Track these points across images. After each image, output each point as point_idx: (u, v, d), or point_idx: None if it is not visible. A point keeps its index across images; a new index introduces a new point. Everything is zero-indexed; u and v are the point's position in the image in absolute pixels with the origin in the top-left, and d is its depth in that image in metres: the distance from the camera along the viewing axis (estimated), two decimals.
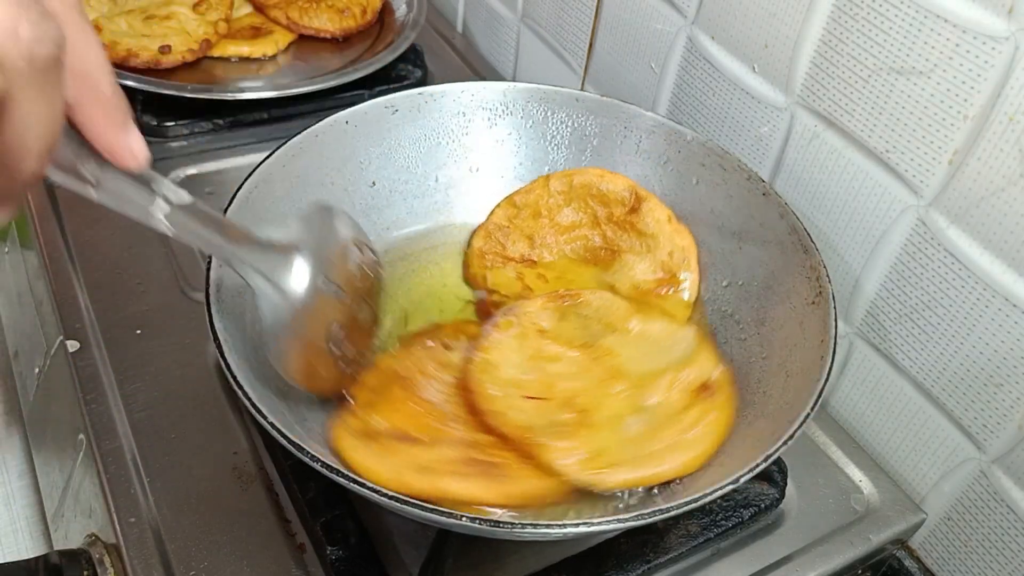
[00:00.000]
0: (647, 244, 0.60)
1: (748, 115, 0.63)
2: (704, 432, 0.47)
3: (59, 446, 0.62)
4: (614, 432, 0.48)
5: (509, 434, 0.47)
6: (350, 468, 0.43)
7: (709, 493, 0.40)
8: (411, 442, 0.46)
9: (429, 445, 0.46)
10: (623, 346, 0.53)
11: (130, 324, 0.59)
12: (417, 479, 0.43)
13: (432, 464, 0.44)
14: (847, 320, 0.60)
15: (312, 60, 0.87)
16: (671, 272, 0.59)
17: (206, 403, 0.56)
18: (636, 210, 0.60)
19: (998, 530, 0.53)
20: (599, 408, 0.49)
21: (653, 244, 0.59)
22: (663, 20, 0.69)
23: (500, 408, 0.48)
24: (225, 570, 0.47)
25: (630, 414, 0.49)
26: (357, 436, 0.46)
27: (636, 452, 0.46)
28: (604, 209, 0.61)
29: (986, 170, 0.48)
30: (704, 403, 0.49)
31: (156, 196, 0.34)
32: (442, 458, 0.45)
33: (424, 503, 0.38)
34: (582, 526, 0.39)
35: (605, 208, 0.61)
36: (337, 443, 0.46)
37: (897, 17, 0.50)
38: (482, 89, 0.62)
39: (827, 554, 0.53)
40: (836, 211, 0.58)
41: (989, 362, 0.50)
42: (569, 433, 0.47)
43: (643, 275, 0.59)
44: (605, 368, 0.52)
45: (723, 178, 0.58)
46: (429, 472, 0.43)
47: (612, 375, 0.51)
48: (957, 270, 0.51)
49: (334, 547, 0.47)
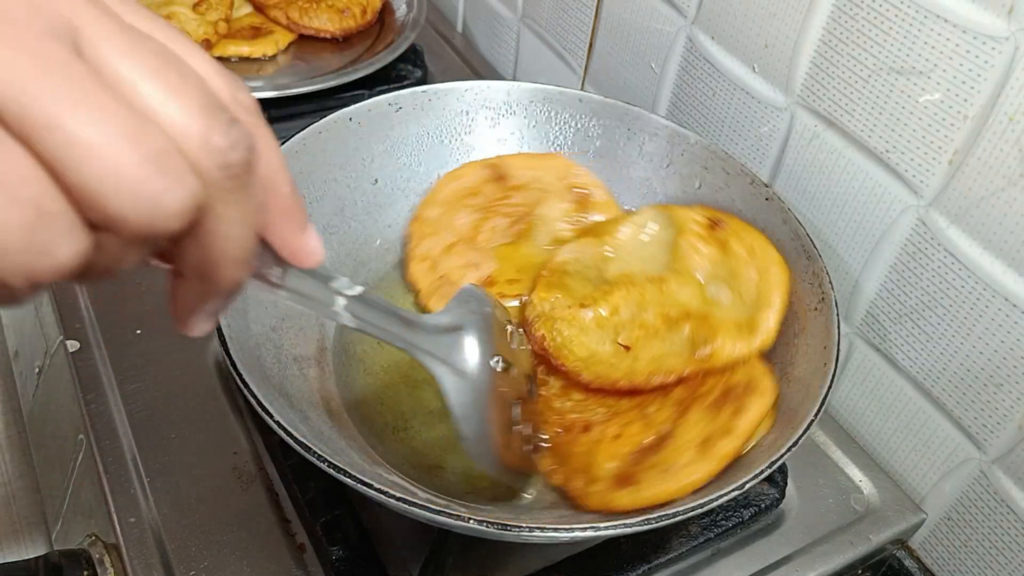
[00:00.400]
0: (538, 191, 0.61)
1: (748, 115, 0.63)
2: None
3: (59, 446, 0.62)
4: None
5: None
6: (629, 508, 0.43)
7: (716, 498, 0.40)
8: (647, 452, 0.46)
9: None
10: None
11: (130, 324, 0.59)
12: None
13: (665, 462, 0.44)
14: (847, 320, 0.60)
15: (312, 60, 0.87)
16: (577, 198, 0.61)
17: (206, 403, 0.56)
18: (504, 177, 0.61)
19: (998, 530, 0.53)
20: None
21: (543, 186, 0.61)
22: (663, 20, 0.69)
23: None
24: (225, 570, 0.47)
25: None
26: (612, 486, 0.45)
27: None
28: (483, 196, 0.61)
29: (986, 170, 0.48)
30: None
31: (335, 293, 0.35)
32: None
33: (425, 503, 0.38)
34: (589, 530, 0.39)
35: (482, 195, 0.61)
36: (612, 504, 0.44)
37: (897, 17, 0.50)
38: (486, 88, 0.62)
39: (827, 554, 0.53)
40: (836, 211, 0.58)
41: (989, 362, 0.50)
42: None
43: (558, 213, 0.61)
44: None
45: (726, 182, 0.58)
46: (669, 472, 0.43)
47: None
48: (957, 270, 0.51)
49: (334, 547, 0.47)
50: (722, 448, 0.43)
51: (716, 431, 0.44)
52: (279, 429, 0.39)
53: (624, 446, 0.47)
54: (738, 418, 0.44)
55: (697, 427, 0.45)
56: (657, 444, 0.46)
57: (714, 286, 0.53)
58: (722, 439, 0.43)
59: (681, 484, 0.42)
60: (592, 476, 0.46)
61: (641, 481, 0.44)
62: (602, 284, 0.56)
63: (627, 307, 0.54)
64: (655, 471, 0.44)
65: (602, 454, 0.47)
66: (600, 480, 0.45)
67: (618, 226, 0.58)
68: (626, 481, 0.44)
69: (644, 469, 0.44)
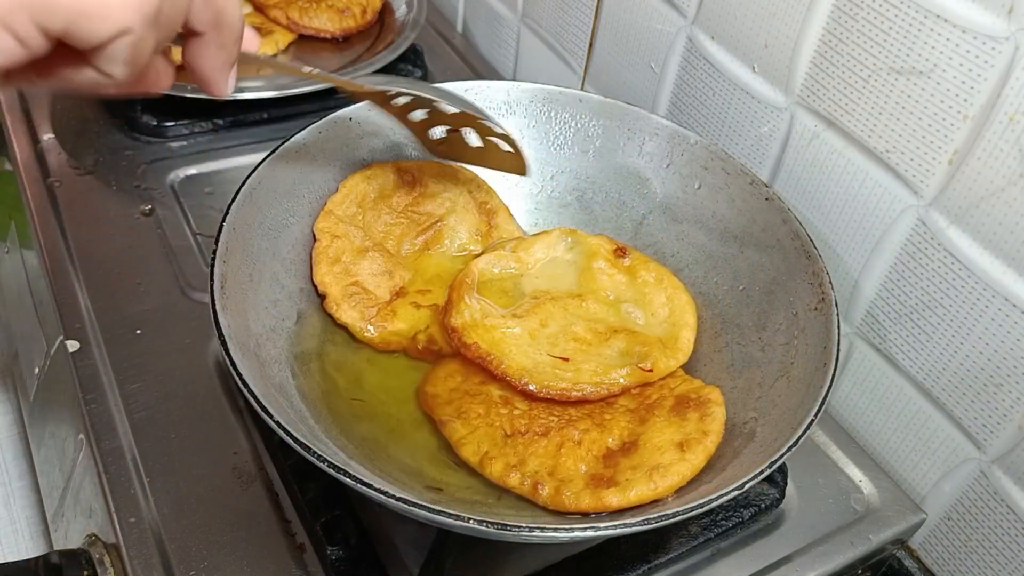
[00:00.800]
0: (448, 201, 0.61)
1: (748, 115, 0.64)
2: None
3: (59, 446, 0.62)
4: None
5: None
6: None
7: (715, 498, 0.40)
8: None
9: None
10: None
11: (130, 324, 0.59)
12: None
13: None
14: (847, 320, 0.60)
15: (312, 60, 0.87)
16: (486, 214, 0.62)
17: (206, 403, 0.56)
18: (415, 183, 0.60)
19: (998, 530, 0.53)
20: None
21: (452, 196, 0.61)
22: (663, 20, 0.69)
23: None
24: (225, 570, 0.47)
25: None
26: (590, 486, 0.46)
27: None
28: (394, 200, 0.60)
29: (986, 170, 0.48)
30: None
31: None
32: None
33: (425, 503, 0.38)
34: (589, 530, 0.39)
35: (393, 199, 0.60)
36: (602, 502, 0.45)
37: (897, 17, 0.50)
38: (486, 88, 0.62)
39: (827, 554, 0.53)
40: (836, 211, 0.58)
41: (989, 362, 0.50)
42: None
43: (467, 226, 0.61)
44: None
45: (726, 182, 0.58)
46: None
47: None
48: (957, 270, 0.51)
49: (334, 547, 0.47)
50: (705, 445, 0.47)
51: (693, 432, 0.47)
52: (279, 429, 0.39)
53: (590, 450, 0.48)
54: (708, 422, 0.48)
55: (668, 430, 0.48)
56: (628, 448, 0.48)
57: (627, 306, 0.57)
58: (702, 439, 0.47)
59: (672, 481, 0.45)
60: (563, 478, 0.46)
61: (623, 481, 0.45)
62: (521, 297, 0.57)
63: (555, 321, 0.56)
64: (639, 471, 0.45)
65: (569, 457, 0.47)
66: (573, 482, 0.46)
67: (532, 245, 0.60)
68: (605, 482, 0.45)
69: (623, 471, 0.46)
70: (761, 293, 0.55)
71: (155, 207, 0.69)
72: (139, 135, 0.76)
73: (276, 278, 0.53)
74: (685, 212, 0.60)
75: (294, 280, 0.55)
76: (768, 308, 0.54)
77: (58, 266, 0.63)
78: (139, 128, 0.76)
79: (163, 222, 0.68)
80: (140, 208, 0.69)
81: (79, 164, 0.72)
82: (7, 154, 0.74)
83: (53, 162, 0.72)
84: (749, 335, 0.54)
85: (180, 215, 0.69)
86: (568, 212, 0.64)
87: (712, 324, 0.57)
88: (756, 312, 0.55)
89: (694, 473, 0.46)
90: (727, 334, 0.56)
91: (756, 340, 0.53)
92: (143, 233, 0.67)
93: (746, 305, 0.55)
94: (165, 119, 0.76)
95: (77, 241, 0.65)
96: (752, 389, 0.51)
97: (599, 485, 0.45)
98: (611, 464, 0.47)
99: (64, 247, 0.64)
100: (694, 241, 0.60)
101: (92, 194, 0.70)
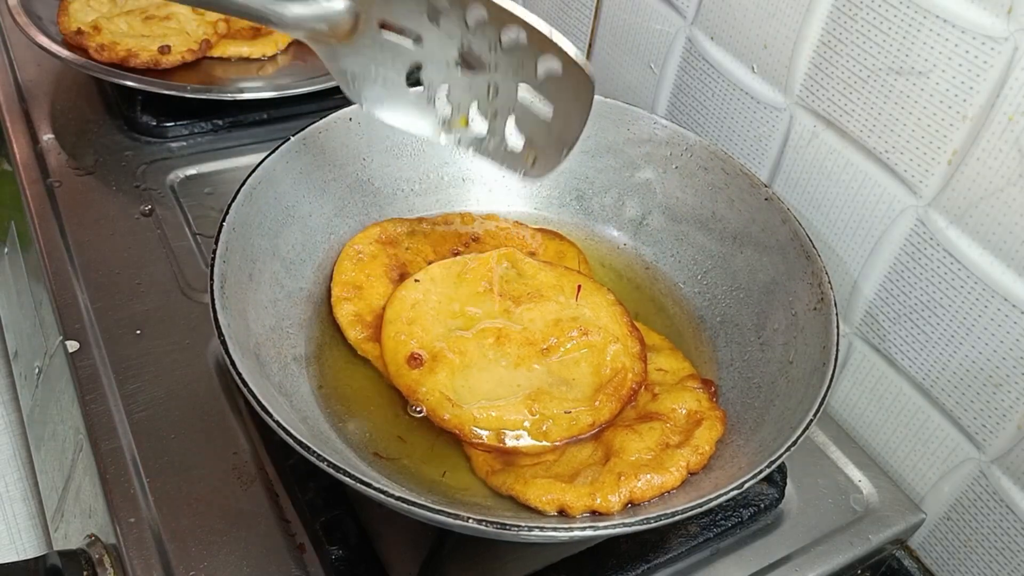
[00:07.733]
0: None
1: (747, 115, 0.64)
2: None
3: (59, 446, 0.62)
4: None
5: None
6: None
7: (715, 498, 0.40)
8: None
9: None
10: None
11: (130, 324, 0.59)
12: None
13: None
14: (846, 320, 0.60)
15: (312, 60, 0.87)
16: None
17: (206, 403, 0.56)
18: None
19: (997, 530, 0.53)
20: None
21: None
22: (662, 20, 0.69)
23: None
24: (225, 570, 0.47)
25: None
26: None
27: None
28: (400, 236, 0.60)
29: (985, 170, 0.48)
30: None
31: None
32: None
33: (425, 503, 0.38)
34: (588, 529, 0.39)
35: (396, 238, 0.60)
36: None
37: (896, 17, 0.50)
38: None
39: (827, 554, 0.53)
40: (835, 211, 0.58)
41: (988, 362, 0.50)
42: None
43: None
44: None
45: (725, 182, 0.58)
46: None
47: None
48: (956, 270, 0.51)
49: (334, 547, 0.47)
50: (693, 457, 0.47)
51: (680, 439, 0.48)
52: (279, 429, 0.39)
53: (572, 460, 0.48)
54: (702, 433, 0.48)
55: (653, 436, 0.48)
56: (605, 457, 0.48)
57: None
58: (693, 448, 0.48)
59: (670, 477, 0.46)
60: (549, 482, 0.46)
61: (611, 480, 0.45)
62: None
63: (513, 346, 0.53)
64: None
65: (552, 467, 0.48)
66: (560, 481, 0.46)
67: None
68: (595, 483, 0.46)
69: (607, 472, 0.46)
70: (760, 293, 0.55)
71: (155, 207, 0.69)
72: (139, 135, 0.76)
73: (276, 278, 0.53)
74: (685, 212, 0.60)
75: (294, 280, 0.55)
76: (767, 308, 0.54)
77: (58, 266, 0.63)
78: (139, 128, 0.76)
79: (163, 222, 0.68)
80: (140, 208, 0.69)
81: (79, 164, 0.72)
82: (7, 154, 0.74)
83: (53, 162, 0.72)
84: (748, 335, 0.54)
85: (180, 215, 0.69)
86: (568, 212, 0.64)
87: (711, 324, 0.57)
88: (755, 312, 0.55)
89: (700, 465, 0.47)
90: (726, 334, 0.56)
91: (755, 340, 0.54)
92: (143, 233, 0.67)
93: (745, 305, 0.55)
94: (165, 119, 0.76)
95: (77, 241, 0.65)
96: (751, 389, 0.51)
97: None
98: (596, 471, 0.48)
99: (64, 247, 0.64)
100: (694, 241, 0.60)
101: (92, 194, 0.70)
